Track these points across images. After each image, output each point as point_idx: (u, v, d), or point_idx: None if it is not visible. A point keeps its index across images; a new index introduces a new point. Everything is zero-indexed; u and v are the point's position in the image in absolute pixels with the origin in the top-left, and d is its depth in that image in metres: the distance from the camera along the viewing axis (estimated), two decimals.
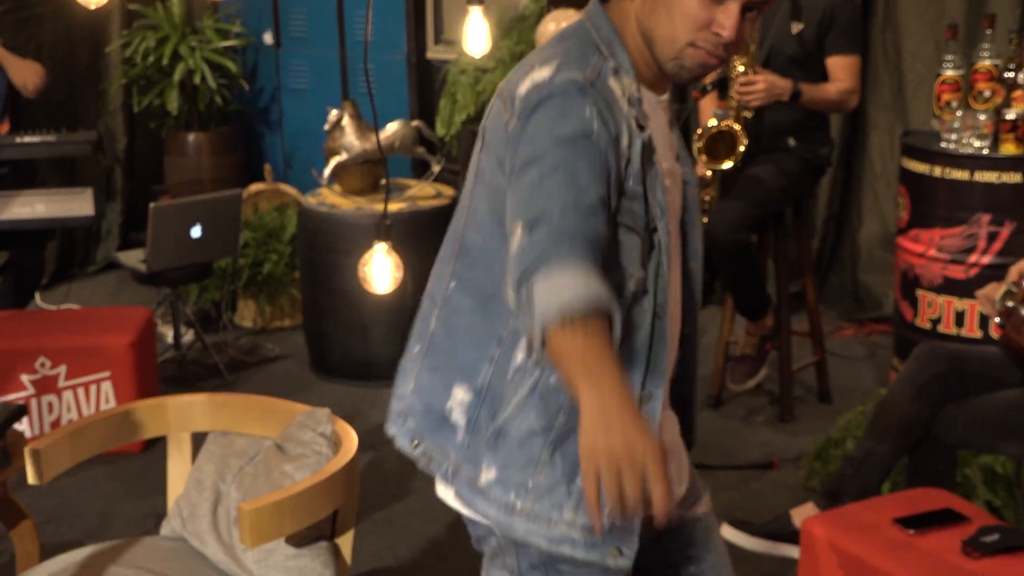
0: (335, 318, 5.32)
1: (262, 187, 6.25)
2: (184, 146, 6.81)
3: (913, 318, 4.69)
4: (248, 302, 6.01)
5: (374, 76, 6.08)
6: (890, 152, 5.73)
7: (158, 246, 5.10)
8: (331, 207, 5.28)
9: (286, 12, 6.82)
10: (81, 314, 5.38)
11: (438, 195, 5.41)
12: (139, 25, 6.75)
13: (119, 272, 6.64)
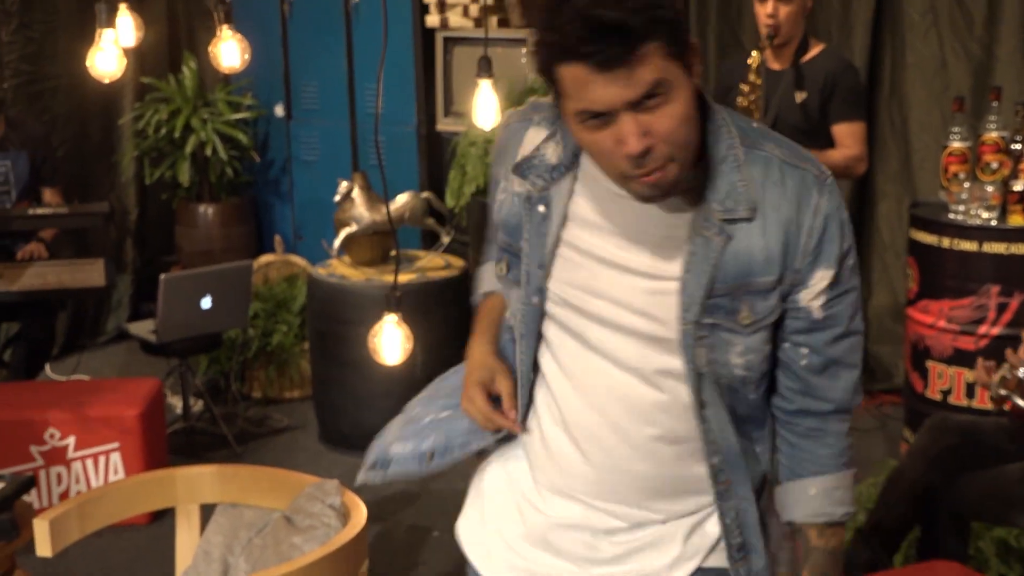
0: (344, 389, 5.31)
1: (272, 258, 6.27)
2: (195, 217, 6.85)
3: (924, 389, 4.68)
4: (257, 373, 6.01)
5: (384, 148, 6.13)
6: (898, 223, 5.74)
7: (168, 317, 5.11)
8: (341, 278, 5.29)
9: (297, 84, 6.88)
10: (90, 385, 5.38)
11: (448, 266, 5.42)
12: (151, 98, 6.81)
13: (129, 343, 6.64)
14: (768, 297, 1.91)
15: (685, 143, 1.80)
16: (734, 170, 1.88)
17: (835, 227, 1.90)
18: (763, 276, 1.89)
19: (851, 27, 5.76)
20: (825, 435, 2.02)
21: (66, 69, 6.66)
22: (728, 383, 1.95)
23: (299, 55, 6.82)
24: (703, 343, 1.92)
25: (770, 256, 1.88)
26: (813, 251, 1.89)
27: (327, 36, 6.61)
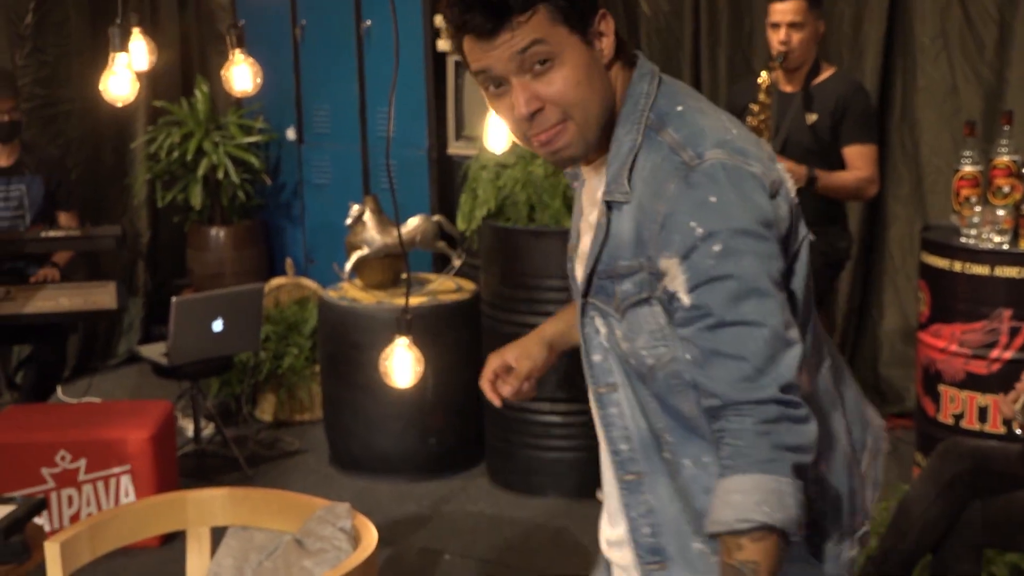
0: (355, 412, 5.32)
1: (283, 281, 6.29)
2: (207, 240, 6.87)
3: (935, 413, 4.67)
4: (268, 396, 6.02)
5: (396, 171, 6.14)
6: (910, 246, 5.74)
7: (180, 339, 5.12)
8: (352, 301, 5.30)
9: (309, 108, 6.90)
10: (102, 407, 5.39)
11: (459, 289, 5.43)
12: (164, 121, 6.84)
13: (140, 365, 6.66)
14: (624, 282, 1.91)
15: (579, 103, 1.86)
16: (628, 153, 1.91)
17: (683, 215, 1.82)
18: (626, 260, 1.91)
19: (862, 50, 5.76)
20: (725, 435, 1.82)
21: (79, 93, 6.69)
22: (636, 367, 1.94)
23: (311, 79, 6.84)
24: (602, 321, 1.97)
25: (628, 242, 1.90)
26: (659, 239, 1.84)
27: (339, 60, 6.63)
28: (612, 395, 1.98)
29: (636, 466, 1.98)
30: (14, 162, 5.60)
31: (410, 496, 5.13)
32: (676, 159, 1.85)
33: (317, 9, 6.70)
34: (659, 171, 1.87)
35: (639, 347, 1.91)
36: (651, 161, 1.88)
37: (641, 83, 1.94)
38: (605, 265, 1.94)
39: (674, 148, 1.87)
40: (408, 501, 5.09)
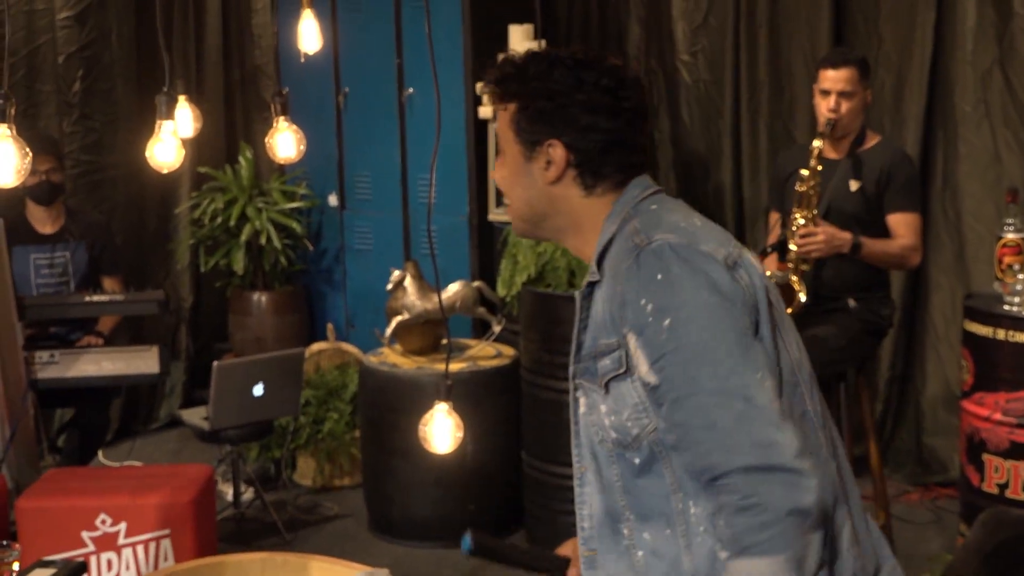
0: (395, 478, 5.31)
1: (324, 346, 6.31)
2: (248, 305, 6.90)
3: (980, 483, 4.62)
4: (308, 460, 6.02)
5: (436, 237, 6.17)
6: (952, 314, 5.70)
7: (221, 404, 5.14)
8: (392, 366, 5.31)
9: (351, 175, 6.95)
10: (143, 471, 5.40)
11: (499, 355, 5.43)
12: (208, 187, 6.90)
13: (181, 429, 6.68)
14: (605, 358, 2.05)
15: (509, 195, 2.21)
16: (604, 242, 2.13)
17: (635, 291, 1.98)
18: (603, 339, 2.07)
19: (903, 119, 5.77)
20: (722, 512, 1.89)
21: (125, 159, 6.78)
22: (610, 447, 2.06)
23: (353, 146, 6.90)
24: (584, 402, 2.12)
25: (604, 321, 2.07)
26: (619, 317, 2.01)
27: (381, 127, 6.69)
28: (586, 475, 2.13)
29: (593, 543, 2.13)
30: (59, 229, 5.66)
31: (449, 562, 5.10)
32: (630, 244, 2.05)
33: (360, 77, 6.78)
34: (619, 255, 2.06)
35: (625, 419, 2.03)
36: (616, 247, 2.09)
37: (634, 190, 2.15)
38: (588, 347, 2.11)
39: (631, 235, 2.06)
40: (447, 567, 5.07)
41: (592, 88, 2.10)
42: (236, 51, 7.42)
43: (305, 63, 4.83)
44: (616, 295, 2.02)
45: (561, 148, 2.11)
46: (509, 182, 2.19)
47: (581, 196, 2.15)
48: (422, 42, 6.16)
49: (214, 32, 7.32)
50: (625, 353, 2.01)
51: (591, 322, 2.12)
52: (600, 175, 2.13)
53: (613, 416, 2.04)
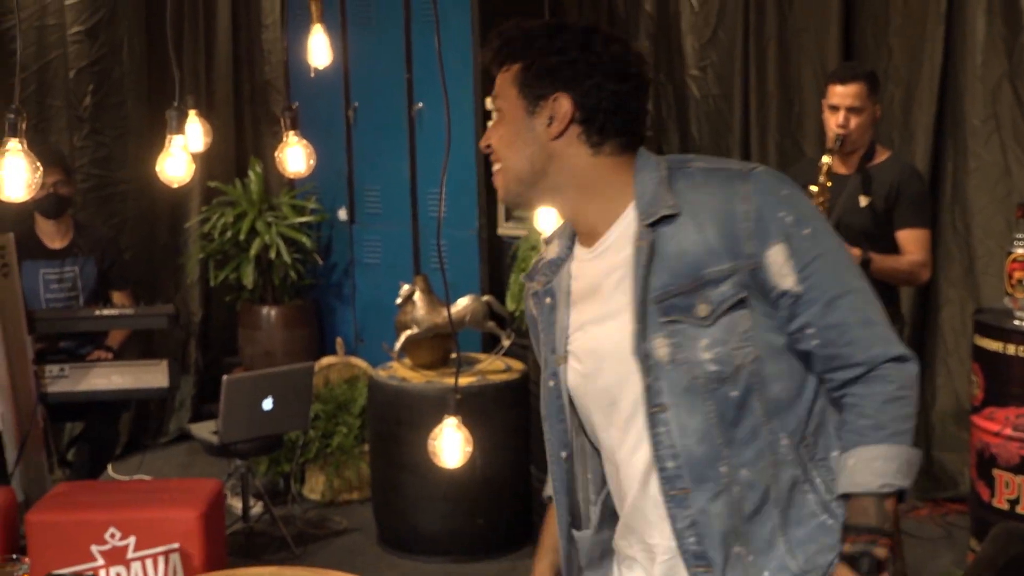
0: (404, 492, 5.31)
1: (333, 360, 6.31)
2: (258, 319, 6.91)
3: (990, 498, 4.60)
4: (317, 474, 6.02)
5: (446, 251, 6.17)
6: (962, 329, 5.69)
7: (230, 418, 5.14)
8: (401, 380, 5.31)
9: (360, 189, 6.96)
10: (152, 485, 5.41)
11: (508, 369, 5.43)
12: (218, 202, 6.92)
13: (191, 443, 6.68)
14: (720, 285, 2.06)
15: (506, 158, 2.19)
16: (658, 184, 2.13)
17: (770, 205, 2.06)
18: (711, 267, 2.06)
19: (912, 133, 5.77)
20: (864, 403, 2.08)
21: (135, 173, 6.80)
22: (704, 383, 2.07)
23: (363, 160, 6.91)
24: (666, 343, 2.08)
25: (712, 248, 2.06)
26: (755, 233, 2.05)
27: (390, 142, 6.70)
28: (661, 415, 2.10)
29: (682, 483, 2.11)
30: (67, 243, 5.67)
31: None
32: (723, 173, 2.11)
33: (370, 92, 6.79)
34: (712, 184, 2.10)
35: (731, 349, 2.06)
36: (691, 181, 2.12)
37: (648, 155, 2.19)
38: (675, 282, 2.08)
39: (711, 169, 2.13)
40: None
41: (601, 51, 2.13)
42: (246, 66, 7.44)
43: (315, 78, 4.85)
44: (740, 214, 2.05)
45: (567, 101, 2.13)
46: (507, 140, 2.18)
47: (589, 154, 2.15)
48: (432, 57, 6.19)
49: (224, 47, 7.34)
50: (748, 275, 2.05)
51: (668, 260, 2.09)
52: (606, 133, 2.14)
53: (718, 348, 2.06)
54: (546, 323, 2.29)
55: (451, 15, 6.21)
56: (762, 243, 2.04)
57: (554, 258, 2.29)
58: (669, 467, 2.11)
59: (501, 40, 2.18)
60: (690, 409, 2.08)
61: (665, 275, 2.08)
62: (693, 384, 2.07)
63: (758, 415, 2.08)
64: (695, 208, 2.08)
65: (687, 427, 2.09)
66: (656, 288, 2.08)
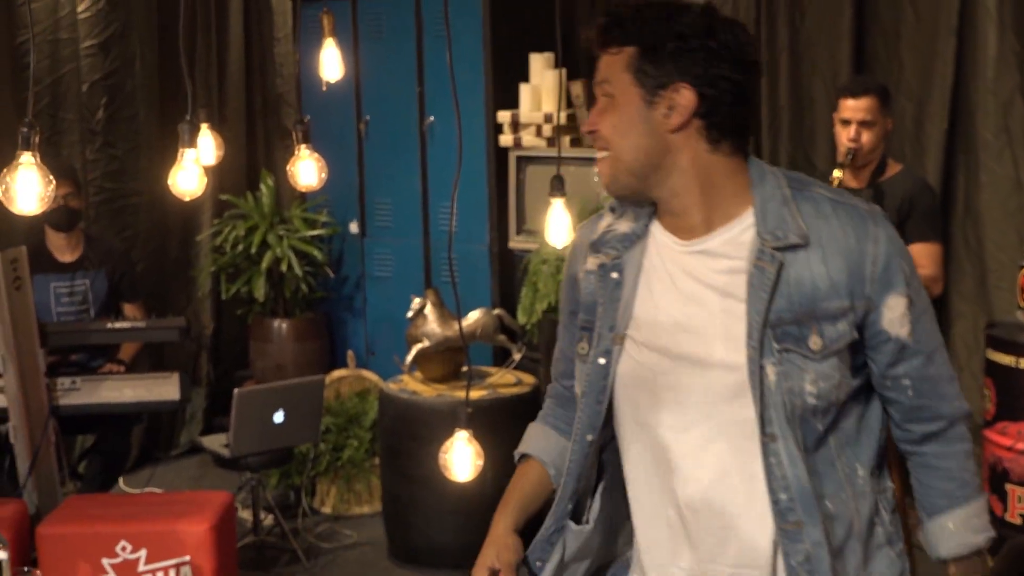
0: (414, 505, 5.30)
1: (344, 373, 6.31)
2: (269, 332, 6.92)
3: (1003, 513, 4.59)
4: (328, 487, 6.02)
5: (457, 265, 6.18)
6: (975, 343, 5.67)
7: (241, 431, 5.15)
8: (412, 394, 5.31)
9: (372, 203, 6.97)
10: (163, 498, 5.41)
11: (519, 383, 5.42)
12: (230, 215, 6.93)
13: (202, 456, 6.69)
14: (837, 322, 2.04)
15: (616, 146, 2.09)
16: (783, 204, 2.06)
17: (896, 254, 2.08)
18: (830, 302, 2.03)
19: (924, 147, 5.75)
20: (948, 463, 2.16)
21: (147, 186, 6.82)
22: (800, 414, 2.03)
23: (374, 173, 6.92)
24: (775, 370, 2.01)
25: (835, 283, 2.03)
26: (880, 278, 2.05)
27: (402, 155, 6.71)
28: (771, 445, 2.04)
29: (795, 515, 2.04)
30: (78, 257, 5.68)
31: None
32: (851, 208, 2.09)
33: (381, 105, 6.80)
34: (842, 218, 2.06)
35: (835, 385, 2.05)
36: (818, 210, 2.07)
37: (761, 164, 2.13)
38: (791, 310, 2.03)
39: (838, 201, 2.09)
40: None
41: (724, 37, 2.03)
42: (258, 79, 7.46)
43: (326, 91, 4.86)
44: (867, 256, 2.05)
45: (690, 92, 2.03)
46: (621, 130, 2.07)
47: (707, 150, 2.07)
48: (443, 71, 6.20)
49: (236, 61, 7.36)
50: (862, 315, 2.06)
51: (788, 287, 2.03)
52: (724, 129, 2.06)
53: (822, 382, 2.03)
54: (608, 299, 2.18)
55: (463, 29, 6.22)
56: (884, 289, 2.05)
57: (628, 232, 2.19)
58: (782, 499, 2.04)
59: (611, 20, 2.08)
60: (792, 439, 2.03)
61: (782, 300, 2.03)
62: (791, 414, 2.03)
63: (832, 447, 2.09)
64: (823, 240, 2.04)
65: (794, 457, 2.03)
66: (772, 312, 2.03)
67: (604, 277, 2.19)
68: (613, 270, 2.18)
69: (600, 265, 2.20)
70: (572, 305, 2.29)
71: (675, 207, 2.11)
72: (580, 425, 2.23)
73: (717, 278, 2.08)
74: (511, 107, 6.27)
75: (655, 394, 2.12)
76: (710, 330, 2.07)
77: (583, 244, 2.28)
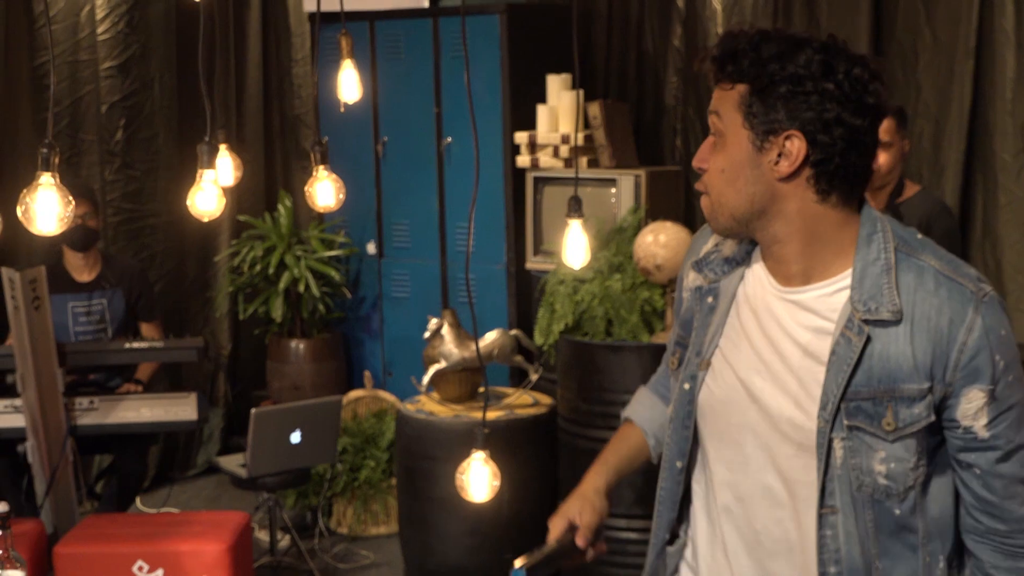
0: (431, 526, 5.30)
1: (361, 394, 6.31)
2: (286, 352, 6.93)
3: None
4: (344, 508, 6.02)
5: (474, 285, 6.18)
6: None
7: (258, 451, 5.15)
8: (429, 414, 5.31)
9: (389, 223, 6.98)
10: (180, 518, 5.42)
11: (536, 404, 5.42)
12: (247, 235, 6.94)
13: (219, 476, 6.69)
14: (914, 405, 1.94)
15: (717, 189, 2.00)
16: (883, 273, 1.96)
17: (989, 346, 1.92)
18: (910, 383, 1.93)
19: (942, 168, 5.74)
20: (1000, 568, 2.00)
21: (165, 207, 6.85)
22: (871, 493, 1.97)
23: (392, 194, 6.93)
24: (843, 444, 1.96)
25: (918, 365, 1.93)
26: (964, 367, 1.92)
27: (419, 176, 6.72)
28: (830, 517, 2.00)
29: None
30: (95, 277, 5.71)
31: None
32: (961, 287, 1.95)
33: (399, 126, 6.82)
34: (942, 295, 1.94)
35: (906, 468, 1.97)
36: (920, 281, 1.96)
37: (874, 218, 2.02)
38: (869, 386, 1.95)
39: (945, 274, 1.96)
40: None
41: (842, 78, 1.91)
42: (276, 100, 7.49)
43: (344, 112, 4.87)
44: (956, 342, 1.92)
45: (800, 141, 1.92)
46: (730, 174, 1.97)
47: (815, 200, 1.97)
48: (461, 91, 6.21)
49: (255, 82, 7.40)
50: (940, 400, 1.95)
51: (871, 361, 1.94)
52: (835, 180, 1.95)
53: (894, 464, 1.96)
54: (701, 323, 2.15)
55: (480, 50, 6.24)
56: (968, 380, 1.92)
57: (730, 256, 2.13)
58: (831, 572, 2.01)
59: (725, 52, 1.97)
60: (855, 515, 1.99)
61: (862, 375, 1.95)
62: (860, 492, 1.97)
63: (919, 534, 2.00)
64: (915, 316, 1.94)
65: (852, 534, 1.99)
66: (852, 386, 1.95)
67: (701, 300, 2.16)
68: (709, 294, 2.15)
69: (697, 287, 2.18)
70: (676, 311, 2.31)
71: (776, 252, 2.04)
72: (669, 452, 2.22)
73: (803, 334, 2.02)
74: (528, 128, 6.28)
75: (721, 427, 2.12)
76: (783, 384, 2.03)
77: (688, 260, 2.24)
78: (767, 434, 2.04)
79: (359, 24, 6.65)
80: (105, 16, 6.71)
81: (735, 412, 2.08)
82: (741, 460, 2.09)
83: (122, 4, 6.74)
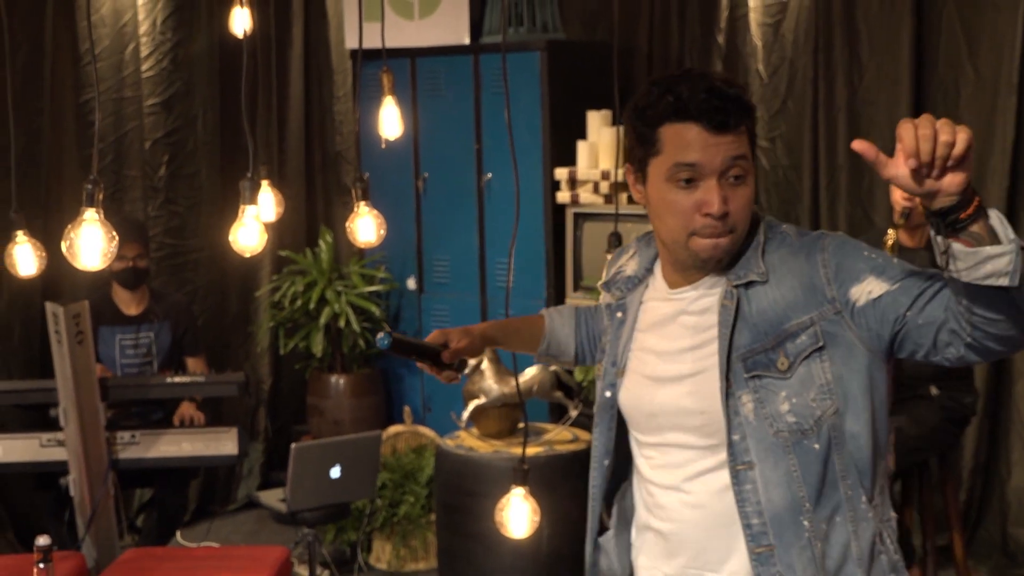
0: (470, 562, 5.28)
1: (401, 429, 6.32)
2: (327, 388, 6.94)
3: None
4: (384, 543, 6.01)
5: None
6: None
7: (298, 486, 5.16)
8: (469, 450, 5.30)
9: (430, 259, 7.00)
10: (220, 552, 5.43)
11: (575, 440, 5.41)
12: (288, 271, 6.98)
13: (259, 511, 6.71)
14: (798, 338, 2.14)
15: (742, 221, 2.18)
16: (753, 249, 2.23)
17: (844, 247, 2.16)
18: (789, 322, 2.15)
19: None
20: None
21: (208, 242, 6.90)
22: (787, 436, 2.13)
23: (432, 230, 6.95)
24: (752, 398, 2.14)
25: (792, 302, 2.16)
26: (837, 276, 2.13)
27: (459, 212, 6.74)
28: (748, 472, 2.14)
29: (767, 539, 2.14)
30: (143, 310, 5.76)
31: None
32: (808, 236, 2.22)
33: (439, 162, 6.85)
34: (797, 246, 2.20)
35: (809, 400, 2.13)
36: (780, 245, 2.22)
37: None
38: (759, 340, 2.16)
39: (800, 232, 2.25)
40: None
41: None
42: (318, 137, 7.54)
43: (385, 148, 4.89)
44: (816, 264, 2.14)
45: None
46: (748, 211, 2.21)
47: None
48: (501, 128, 6.24)
49: (297, 119, 7.45)
50: (830, 319, 2.11)
51: (753, 318, 2.17)
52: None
53: (795, 399, 2.13)
54: (613, 336, 2.41)
55: (521, 86, 6.27)
56: (850, 280, 2.12)
57: (632, 275, 2.41)
58: (755, 524, 2.14)
59: (742, 100, 2.17)
60: (774, 464, 2.13)
61: (747, 334, 2.17)
62: (777, 438, 2.12)
63: (837, 470, 2.13)
64: (779, 270, 2.18)
65: (770, 482, 2.13)
66: (740, 347, 2.17)
67: (611, 316, 2.43)
68: (618, 310, 2.41)
69: (608, 305, 2.46)
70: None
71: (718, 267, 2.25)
72: (596, 451, 2.49)
73: (687, 319, 2.26)
74: (568, 164, 6.29)
75: (640, 421, 2.32)
76: (687, 369, 2.24)
77: (600, 283, 2.53)
78: (681, 417, 2.24)
79: (400, 61, 6.70)
80: (149, 54, 6.79)
81: (650, 406, 2.29)
82: (664, 446, 2.28)
83: (166, 42, 6.82)
